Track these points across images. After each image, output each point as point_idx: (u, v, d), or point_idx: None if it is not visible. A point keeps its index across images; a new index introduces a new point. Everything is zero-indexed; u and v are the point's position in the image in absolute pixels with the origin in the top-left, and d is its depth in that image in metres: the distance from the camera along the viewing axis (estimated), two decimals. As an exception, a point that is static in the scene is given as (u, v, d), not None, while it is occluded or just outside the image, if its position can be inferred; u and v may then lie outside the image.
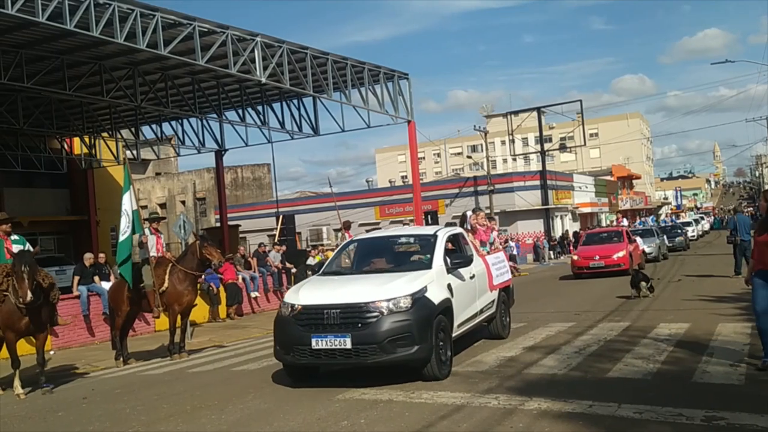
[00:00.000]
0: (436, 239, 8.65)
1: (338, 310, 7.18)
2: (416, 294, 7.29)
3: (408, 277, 7.68)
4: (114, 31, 15.65)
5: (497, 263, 10.09)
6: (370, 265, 8.88)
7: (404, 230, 10.85)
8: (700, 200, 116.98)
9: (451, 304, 7.87)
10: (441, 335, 7.45)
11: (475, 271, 9.01)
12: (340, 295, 7.46)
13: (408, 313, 7.10)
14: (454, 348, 8.10)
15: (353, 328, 7.04)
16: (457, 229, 9.77)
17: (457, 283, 8.27)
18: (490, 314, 9.66)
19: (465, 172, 64.68)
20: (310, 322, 7.27)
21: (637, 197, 66.19)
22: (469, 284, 8.73)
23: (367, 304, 7.14)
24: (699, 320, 10.34)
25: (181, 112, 25.66)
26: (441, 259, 8.25)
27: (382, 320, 7.03)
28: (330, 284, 8.07)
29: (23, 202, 28.29)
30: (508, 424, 5.70)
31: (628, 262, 20.09)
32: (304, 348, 7.20)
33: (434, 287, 7.62)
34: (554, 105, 45.81)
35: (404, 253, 9.18)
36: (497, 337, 9.88)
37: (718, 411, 5.55)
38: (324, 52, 22.23)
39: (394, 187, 52.45)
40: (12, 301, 8.50)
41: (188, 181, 53.44)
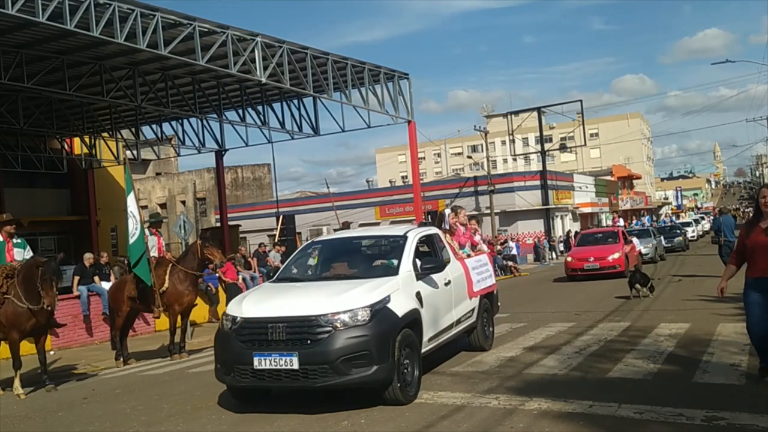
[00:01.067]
0: (405, 241, 7.71)
1: (284, 324, 6.27)
2: (376, 305, 6.40)
3: (367, 285, 6.75)
4: (114, 31, 15.65)
5: (479, 267, 9.17)
6: (330, 271, 8.02)
7: (372, 231, 9.70)
8: (701, 200, 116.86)
9: (420, 316, 6.96)
10: (406, 352, 6.58)
11: (451, 277, 8.10)
12: (287, 307, 6.55)
13: (365, 328, 6.21)
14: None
15: (301, 346, 6.16)
16: (431, 230, 8.70)
17: (428, 291, 7.35)
18: (469, 324, 8.75)
19: (465, 172, 64.66)
20: (253, 338, 6.39)
21: (637, 197, 66.14)
22: (444, 291, 7.84)
23: (318, 317, 6.25)
24: (699, 320, 10.34)
25: (181, 112, 25.65)
26: (410, 263, 7.35)
27: (335, 336, 6.14)
28: (279, 293, 7.17)
29: (24, 202, 28.25)
30: (509, 424, 5.70)
31: (623, 264, 19.71)
32: (245, 368, 6.32)
33: (399, 296, 6.73)
34: (554, 105, 45.85)
35: (370, 257, 8.19)
36: (478, 349, 9.00)
37: (718, 411, 5.55)
38: (324, 52, 22.23)
39: (394, 187, 52.49)
40: (16, 303, 8.58)
41: (188, 181, 53.44)
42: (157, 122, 28.70)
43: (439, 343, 7.74)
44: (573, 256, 21.46)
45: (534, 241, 38.00)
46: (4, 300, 8.64)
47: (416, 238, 7.90)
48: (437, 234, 8.68)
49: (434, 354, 8.64)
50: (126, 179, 11.53)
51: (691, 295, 13.91)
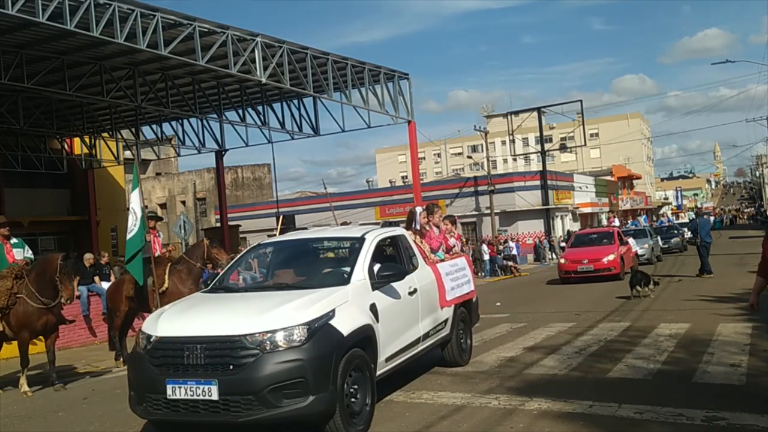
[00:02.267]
0: (361, 244, 6.72)
1: (203, 346, 5.31)
2: (315, 322, 5.42)
3: (306, 298, 5.75)
4: (114, 32, 15.65)
5: (454, 272, 8.13)
6: (274, 279, 7.10)
7: (329, 231, 8.41)
8: (701, 200, 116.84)
9: (374, 332, 6.01)
10: (354, 377, 5.63)
11: (418, 285, 7.12)
12: (209, 324, 5.57)
13: (300, 350, 5.23)
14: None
15: (222, 372, 5.21)
16: (396, 231, 7.68)
17: (386, 303, 6.39)
18: (442, 337, 7.73)
19: (465, 172, 64.65)
20: (167, 362, 5.42)
21: (637, 197, 66.12)
22: (408, 302, 6.86)
23: (243, 337, 5.26)
24: (699, 320, 10.34)
25: (181, 112, 25.66)
26: (364, 271, 6.38)
27: (263, 360, 5.16)
28: (204, 307, 6.18)
29: (24, 202, 28.26)
30: (509, 424, 5.70)
31: (618, 266, 19.11)
32: (158, 397, 5.36)
33: (348, 310, 5.78)
34: (554, 105, 45.78)
35: (321, 263, 7.30)
36: (453, 364, 8.08)
37: (718, 411, 5.55)
38: (324, 52, 22.23)
39: (394, 187, 52.47)
40: (28, 302, 8.68)
41: (188, 181, 53.45)
42: (157, 122, 28.71)
43: (402, 362, 6.74)
44: (566, 257, 20.63)
45: (534, 241, 37.99)
46: (16, 300, 8.71)
47: (375, 241, 6.89)
48: (403, 236, 7.69)
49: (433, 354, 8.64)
50: (134, 176, 11.59)
51: (691, 295, 13.91)
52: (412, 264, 7.39)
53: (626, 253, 20.50)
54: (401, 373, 7.35)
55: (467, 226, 40.60)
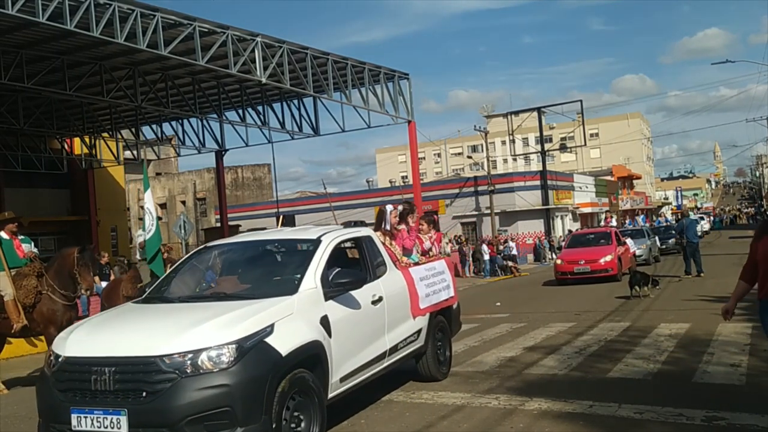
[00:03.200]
0: (315, 247, 5.99)
1: (113, 369, 4.61)
2: (246, 340, 4.71)
3: (239, 312, 5.02)
4: (114, 32, 15.66)
5: (430, 277, 7.36)
6: (214, 287, 6.29)
7: (284, 232, 7.45)
8: (701, 200, 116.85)
9: (325, 349, 5.31)
10: (296, 402, 4.92)
11: (384, 292, 6.36)
12: (123, 342, 4.86)
13: (227, 374, 4.54)
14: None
15: (134, 399, 4.53)
16: (360, 232, 6.86)
17: (342, 314, 5.67)
18: (414, 349, 6.96)
19: (465, 172, 64.64)
20: (73, 387, 4.72)
21: (637, 197, 66.13)
22: (370, 312, 6.12)
23: (158, 358, 4.56)
24: (699, 320, 10.34)
25: (181, 112, 25.68)
26: (315, 278, 5.63)
27: (181, 386, 4.47)
28: (125, 321, 5.46)
29: (24, 202, 28.25)
30: (509, 424, 5.70)
31: (616, 267, 18.73)
32: (62, 428, 4.70)
33: (290, 325, 5.07)
34: (554, 105, 45.78)
35: (271, 269, 6.47)
36: (429, 378, 7.30)
37: (718, 411, 5.55)
38: (324, 52, 22.24)
39: (394, 187, 52.47)
40: (53, 298, 8.77)
41: (188, 181, 53.49)
42: (157, 122, 28.74)
43: (363, 380, 6.01)
44: (563, 258, 20.19)
45: (534, 241, 38.00)
46: (41, 298, 8.76)
47: (332, 243, 6.14)
48: (369, 237, 6.85)
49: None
50: (144, 177, 11.69)
51: (691, 295, 13.90)
52: (378, 269, 6.58)
53: (624, 254, 20.22)
54: (399, 373, 7.34)
55: (467, 226, 40.62)
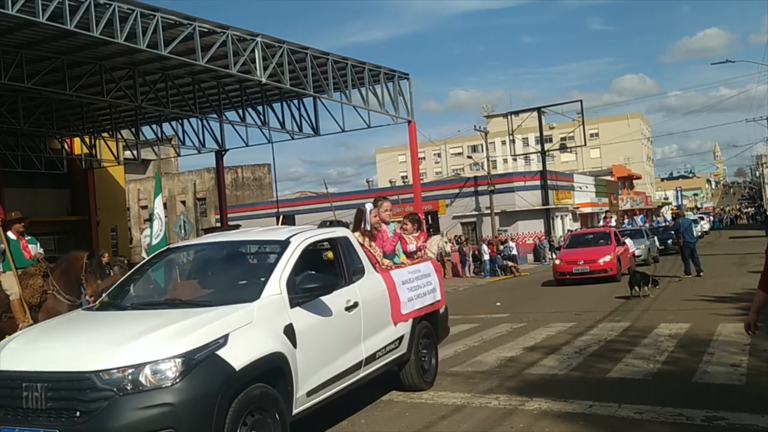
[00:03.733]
0: (283, 250, 5.55)
1: (45, 385, 4.19)
2: (195, 353, 4.27)
3: (189, 321, 4.56)
4: (114, 32, 15.66)
5: (413, 280, 6.91)
6: (172, 292, 5.99)
7: (250, 233, 6.89)
8: (701, 200, 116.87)
9: (287, 361, 4.86)
10: (255, 420, 4.51)
11: (361, 297, 5.95)
12: (58, 356, 4.41)
13: (171, 391, 4.12)
14: None
15: (67, 419, 4.11)
16: (335, 232, 6.38)
17: (309, 322, 5.23)
18: (396, 357, 6.54)
19: (465, 172, 64.63)
20: (5, 403, 4.33)
21: (637, 197, 66.10)
22: (344, 319, 5.71)
23: (94, 374, 4.12)
24: (699, 320, 10.33)
25: (181, 112, 25.68)
26: (280, 283, 5.19)
27: (119, 405, 4.05)
28: (67, 330, 4.98)
29: (24, 202, 28.23)
30: (509, 424, 5.70)
31: (615, 268, 18.62)
32: None
33: (248, 335, 4.63)
34: (554, 105, 45.78)
35: (234, 273, 6.01)
36: (412, 388, 6.90)
37: (718, 411, 5.55)
38: (324, 52, 22.24)
39: (394, 187, 52.46)
40: (59, 297, 8.80)
41: (188, 181, 53.49)
42: (157, 122, 28.74)
43: (335, 393, 5.57)
44: (561, 258, 20.10)
45: (534, 241, 38.00)
46: (46, 297, 8.78)
47: (302, 245, 5.68)
48: (345, 238, 6.40)
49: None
50: (156, 182, 11.78)
51: (691, 295, 13.90)
52: (355, 272, 6.15)
53: (623, 254, 20.13)
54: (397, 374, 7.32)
55: (467, 226, 40.61)
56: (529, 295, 17.97)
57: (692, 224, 18.35)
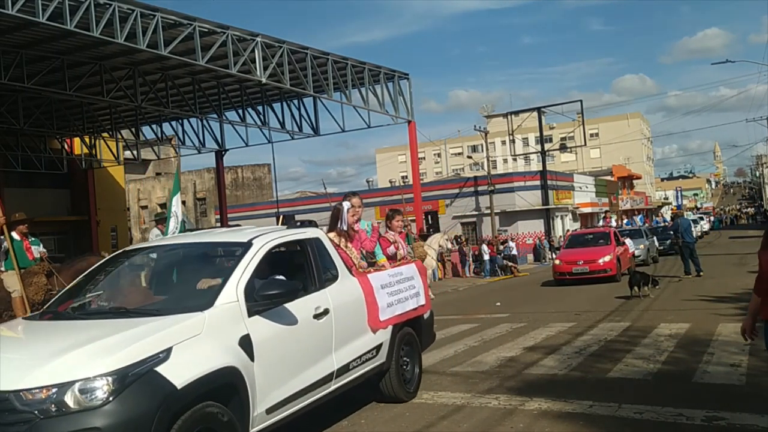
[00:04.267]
0: (244, 253, 5.07)
1: None
2: (129, 369, 3.81)
3: (124, 334, 4.10)
4: (114, 32, 15.67)
5: (394, 284, 6.47)
6: (122, 299, 5.45)
7: (212, 235, 6.32)
8: (701, 200, 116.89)
9: (243, 377, 4.41)
10: None
11: (333, 303, 5.50)
12: None
13: (100, 414, 3.67)
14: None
15: None
16: (305, 233, 5.89)
17: (270, 332, 4.78)
18: (373, 367, 6.08)
19: (465, 172, 64.65)
20: None
21: (637, 197, 66.10)
22: (312, 328, 5.25)
23: (11, 394, 3.69)
24: (699, 320, 10.33)
25: (181, 112, 25.69)
26: (237, 289, 4.71)
27: (39, 429, 3.62)
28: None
29: (24, 202, 28.23)
30: (509, 424, 5.69)
31: (615, 268, 18.56)
32: None
33: (195, 348, 4.18)
34: (554, 105, 45.79)
35: (191, 278, 5.48)
36: (393, 399, 6.45)
37: (718, 411, 5.55)
38: (324, 52, 22.26)
39: (394, 187, 52.49)
40: None
41: (188, 181, 53.48)
42: (157, 122, 28.76)
43: (300, 408, 5.10)
44: (561, 258, 20.03)
45: (534, 241, 38.01)
46: (51, 296, 8.78)
47: (266, 248, 5.21)
48: (317, 239, 5.93)
49: (430, 354, 8.57)
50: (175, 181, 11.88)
51: (691, 295, 13.90)
52: (327, 276, 5.72)
53: (623, 254, 20.10)
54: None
55: (467, 226, 40.62)
56: (529, 295, 17.97)
57: (691, 224, 18.35)
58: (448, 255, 27.20)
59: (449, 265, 28.33)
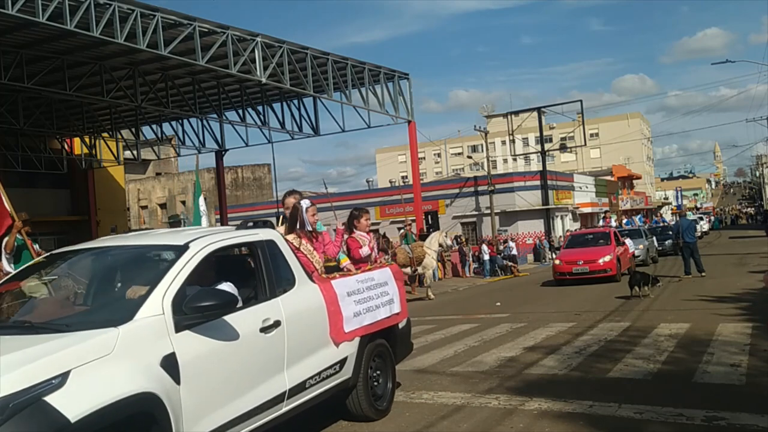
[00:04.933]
0: (177, 258, 4.41)
1: None
2: (8, 401, 3.17)
3: (13, 357, 3.42)
4: (114, 32, 15.67)
5: (364, 290, 5.88)
6: (31, 311, 4.67)
7: (147, 237, 5.63)
8: (701, 200, 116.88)
9: (165, 404, 3.76)
10: None
11: (285, 314, 4.87)
12: None
13: None
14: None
15: None
16: (257, 235, 5.15)
17: (202, 349, 4.17)
18: (337, 384, 5.47)
19: (465, 172, 64.69)
20: None
21: (637, 197, 66.10)
22: (256, 343, 4.61)
23: None
24: (699, 320, 10.33)
25: (181, 112, 25.69)
26: (163, 301, 4.08)
27: None
28: None
29: (24, 202, 28.15)
30: (508, 424, 5.69)
31: (615, 268, 18.56)
32: None
33: (99, 372, 3.54)
34: (554, 105, 45.81)
35: (115, 286, 4.88)
36: (362, 418, 5.88)
37: (718, 411, 5.54)
38: (324, 52, 22.26)
39: (394, 187, 52.49)
40: None
41: (188, 181, 53.43)
42: (157, 122, 28.77)
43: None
44: (561, 258, 19.99)
45: (534, 241, 38.01)
46: None
47: (203, 252, 4.54)
48: (270, 242, 5.21)
49: (430, 354, 8.57)
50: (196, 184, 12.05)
51: (691, 295, 13.90)
52: (280, 283, 5.06)
53: (623, 254, 20.09)
54: (399, 373, 7.31)
55: (467, 226, 40.62)
56: (529, 295, 17.97)
57: (693, 224, 18.39)
58: (448, 254, 27.17)
59: (449, 265, 28.33)
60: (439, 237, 20.01)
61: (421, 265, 18.85)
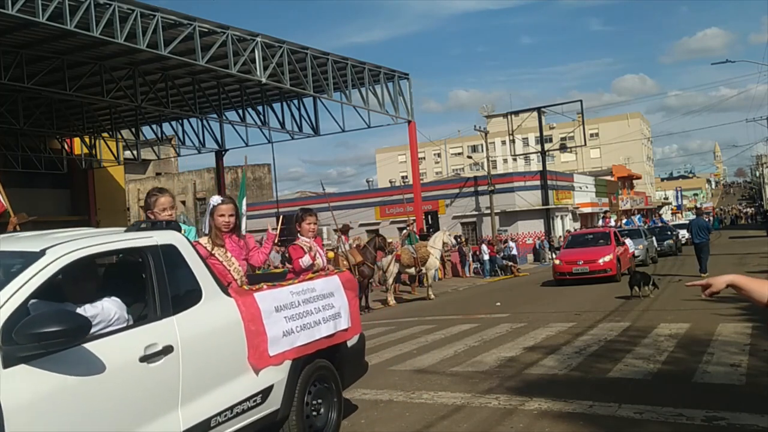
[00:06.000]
0: (24, 268, 3.47)
1: None
2: None
3: None
4: (114, 32, 15.68)
5: (299, 304, 4.95)
6: None
7: (8, 241, 4.24)
8: (701, 200, 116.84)
9: None
10: None
11: (180, 337, 3.96)
12: None
13: None
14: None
15: None
16: (151, 238, 4.15)
17: (43, 389, 3.22)
18: (261, 418, 4.54)
19: (465, 172, 64.67)
20: None
21: (637, 197, 66.07)
22: (133, 376, 3.68)
23: None
24: (699, 320, 10.33)
25: (181, 112, 25.70)
26: None
27: None
28: None
29: (24, 202, 28.20)
30: (508, 424, 5.69)
31: (615, 268, 18.55)
32: None
33: None
34: (554, 105, 45.77)
35: None
36: None
37: (718, 411, 5.54)
38: (324, 52, 22.27)
39: (394, 187, 52.47)
40: None
41: (188, 181, 53.49)
42: (157, 122, 28.79)
43: None
44: (561, 258, 19.96)
45: (534, 241, 38.00)
46: None
47: (62, 261, 3.58)
48: (171, 246, 4.24)
49: (430, 354, 8.57)
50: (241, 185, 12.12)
51: (691, 295, 13.85)
52: (180, 297, 4.16)
53: (623, 254, 20.09)
54: (399, 373, 7.31)
55: (467, 226, 40.61)
56: (529, 295, 17.96)
57: (702, 225, 18.68)
58: (448, 255, 27.18)
59: (449, 265, 28.33)
60: (443, 236, 20.05)
61: (424, 265, 18.92)
